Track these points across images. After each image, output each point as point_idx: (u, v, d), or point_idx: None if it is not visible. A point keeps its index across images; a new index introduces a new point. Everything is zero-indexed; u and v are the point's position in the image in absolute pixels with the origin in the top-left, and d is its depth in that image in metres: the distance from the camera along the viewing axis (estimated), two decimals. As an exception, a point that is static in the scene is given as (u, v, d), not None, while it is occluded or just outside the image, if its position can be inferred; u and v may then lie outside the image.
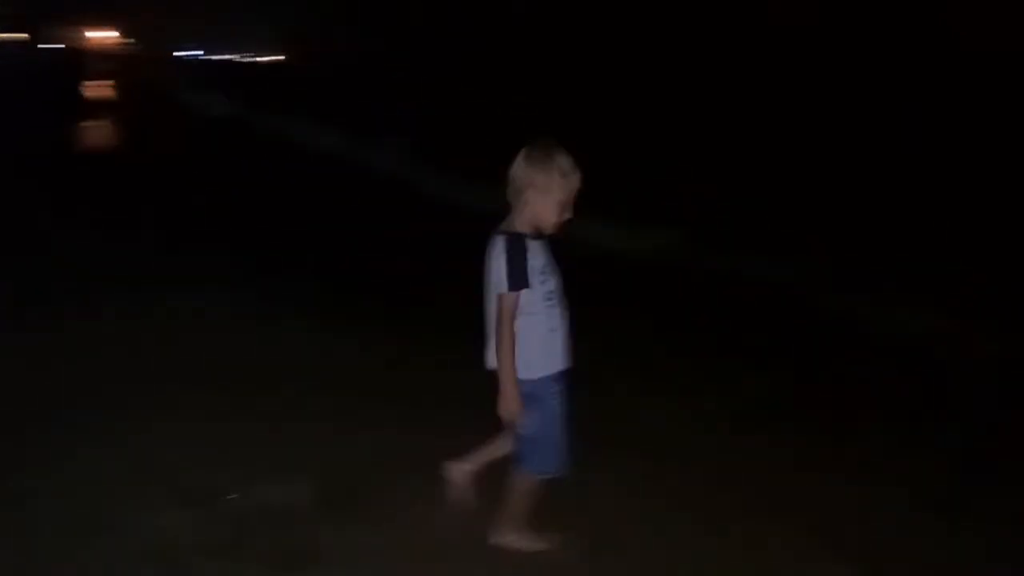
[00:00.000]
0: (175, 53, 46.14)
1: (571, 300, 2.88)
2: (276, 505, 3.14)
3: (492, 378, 2.79)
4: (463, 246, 3.47)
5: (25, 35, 50.44)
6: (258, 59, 44.20)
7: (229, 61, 45.57)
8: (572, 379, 2.91)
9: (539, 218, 2.72)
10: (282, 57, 39.48)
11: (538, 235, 2.76)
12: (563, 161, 2.69)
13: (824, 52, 9.94)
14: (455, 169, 10.29)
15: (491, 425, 2.92)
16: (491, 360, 2.81)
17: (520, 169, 2.70)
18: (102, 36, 51.89)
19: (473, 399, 2.97)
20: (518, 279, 2.69)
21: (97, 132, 15.28)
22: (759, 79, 11.25)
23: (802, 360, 5.25)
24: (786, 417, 4.37)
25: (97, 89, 23.70)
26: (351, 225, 8.24)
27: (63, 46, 46.96)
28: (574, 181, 2.71)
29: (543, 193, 2.67)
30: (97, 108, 18.97)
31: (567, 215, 2.74)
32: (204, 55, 49.68)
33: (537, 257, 2.75)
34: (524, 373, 2.77)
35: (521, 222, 2.73)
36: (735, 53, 11.53)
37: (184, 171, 10.77)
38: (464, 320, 3.14)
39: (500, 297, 2.71)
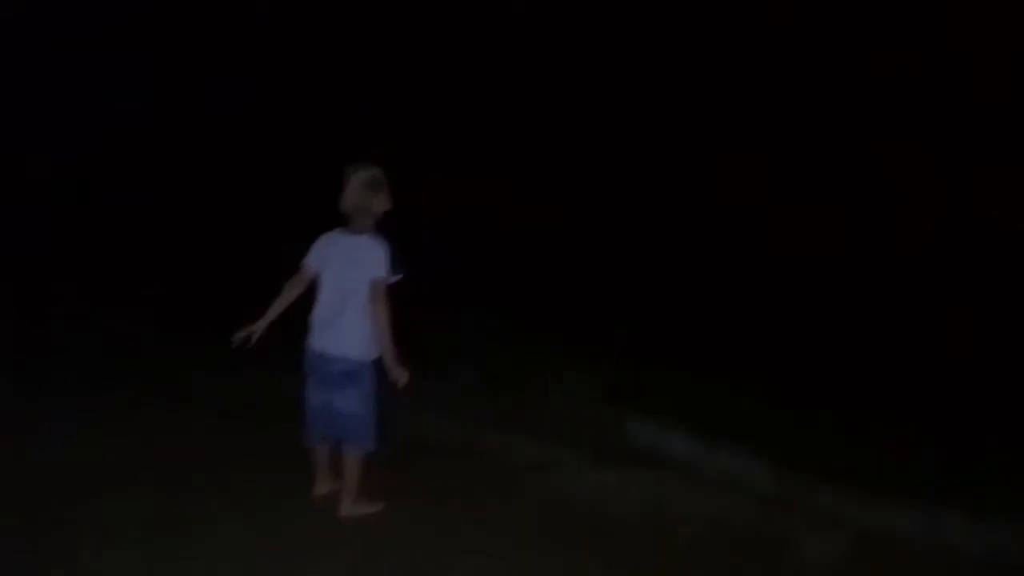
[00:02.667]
0: None
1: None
2: None
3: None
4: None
5: None
6: None
7: None
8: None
9: (380, 217, 3.44)
10: None
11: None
12: (380, 172, 3.48)
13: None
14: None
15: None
16: (331, 343, 3.37)
17: (366, 192, 3.40)
18: None
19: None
20: (395, 269, 3.37)
21: None
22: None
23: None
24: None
25: None
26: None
27: None
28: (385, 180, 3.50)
29: (384, 202, 3.44)
30: None
31: None
32: None
33: None
34: (367, 353, 3.37)
35: (369, 226, 3.41)
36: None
37: None
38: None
39: (379, 281, 3.33)
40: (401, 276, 3.37)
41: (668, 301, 6.86)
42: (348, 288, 3.35)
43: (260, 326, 3.39)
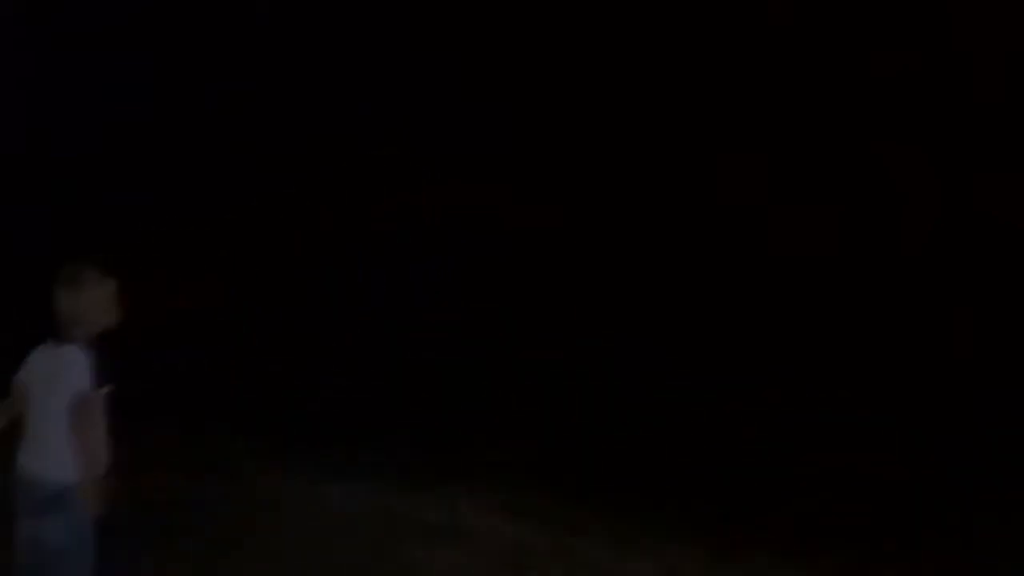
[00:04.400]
0: None
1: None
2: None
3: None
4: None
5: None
6: None
7: None
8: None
9: (101, 327, 3.00)
10: None
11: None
12: (104, 276, 3.02)
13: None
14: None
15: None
16: (36, 465, 2.96)
17: (75, 297, 2.95)
18: None
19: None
20: (100, 381, 2.94)
21: None
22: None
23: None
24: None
25: None
26: None
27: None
28: (113, 286, 3.04)
29: (101, 307, 2.99)
30: None
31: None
32: None
33: None
34: (71, 475, 2.90)
35: (81, 335, 2.95)
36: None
37: None
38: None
39: (90, 399, 2.88)
40: (107, 389, 2.98)
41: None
42: (50, 405, 2.99)
43: None
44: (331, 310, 7.88)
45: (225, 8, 10.03)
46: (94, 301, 2.99)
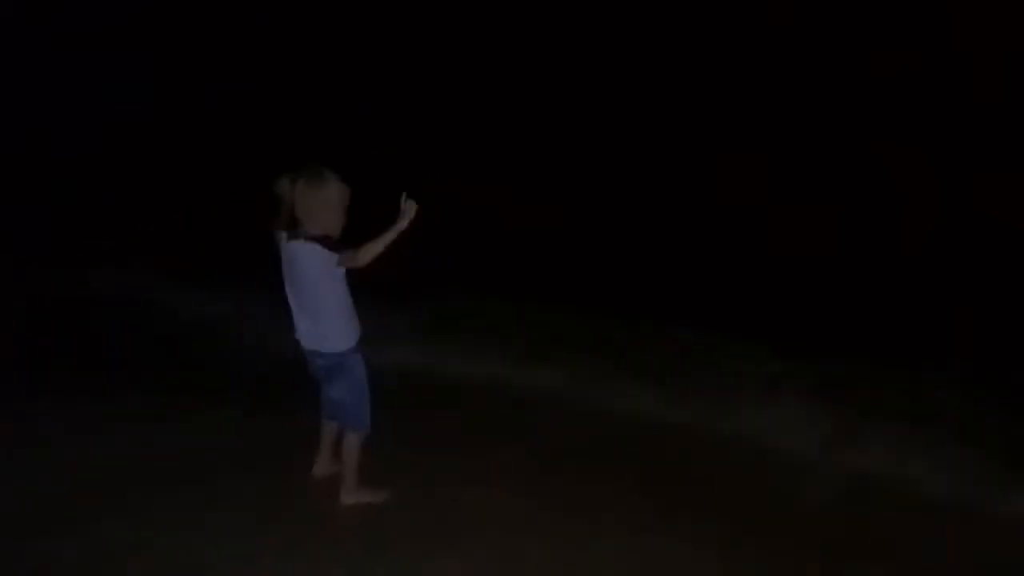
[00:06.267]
0: None
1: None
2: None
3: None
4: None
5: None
6: None
7: None
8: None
9: (328, 227, 3.36)
10: None
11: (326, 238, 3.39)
12: (336, 180, 3.43)
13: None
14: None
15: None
16: (307, 340, 3.46)
17: (304, 192, 3.37)
18: None
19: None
20: (340, 253, 3.33)
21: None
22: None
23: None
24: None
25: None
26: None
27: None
28: (347, 193, 3.44)
29: (329, 207, 3.37)
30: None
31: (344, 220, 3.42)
32: None
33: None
34: (342, 344, 3.42)
35: (313, 229, 3.36)
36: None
37: None
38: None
39: (341, 261, 3.32)
40: (344, 260, 3.36)
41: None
42: (304, 287, 3.41)
43: None
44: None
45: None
46: (331, 202, 3.38)
